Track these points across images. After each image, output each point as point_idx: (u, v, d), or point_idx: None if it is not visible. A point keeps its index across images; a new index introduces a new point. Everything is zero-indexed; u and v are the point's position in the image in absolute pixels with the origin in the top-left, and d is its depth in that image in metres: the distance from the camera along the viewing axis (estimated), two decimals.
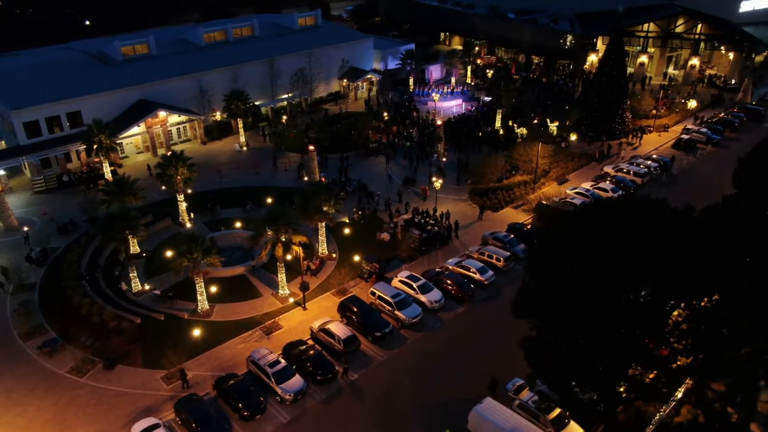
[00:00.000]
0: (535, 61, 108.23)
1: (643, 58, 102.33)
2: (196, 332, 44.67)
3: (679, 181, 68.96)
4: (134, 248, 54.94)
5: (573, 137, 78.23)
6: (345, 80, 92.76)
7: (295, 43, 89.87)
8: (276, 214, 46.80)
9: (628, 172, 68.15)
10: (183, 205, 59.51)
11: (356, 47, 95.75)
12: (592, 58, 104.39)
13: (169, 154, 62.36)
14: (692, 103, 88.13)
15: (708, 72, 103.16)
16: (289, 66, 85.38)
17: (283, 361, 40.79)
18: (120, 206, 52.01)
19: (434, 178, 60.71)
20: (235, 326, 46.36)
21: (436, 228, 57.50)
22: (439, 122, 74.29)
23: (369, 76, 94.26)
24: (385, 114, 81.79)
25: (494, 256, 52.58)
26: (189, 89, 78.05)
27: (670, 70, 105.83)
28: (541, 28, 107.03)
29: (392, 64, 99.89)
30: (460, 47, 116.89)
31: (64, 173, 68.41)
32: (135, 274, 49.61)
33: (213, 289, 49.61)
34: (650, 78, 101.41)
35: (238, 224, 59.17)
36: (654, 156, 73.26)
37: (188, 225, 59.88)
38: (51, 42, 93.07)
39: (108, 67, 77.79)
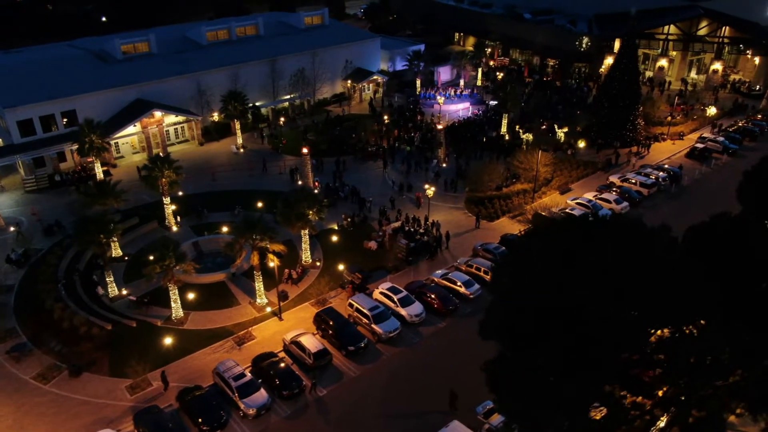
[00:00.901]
0: (551, 63, 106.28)
1: (663, 62, 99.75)
2: (168, 341, 44.37)
3: (689, 193, 66.81)
4: (116, 251, 55.13)
5: (581, 144, 76.40)
6: (349, 81, 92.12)
7: (299, 43, 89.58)
8: (252, 220, 46.30)
9: (634, 183, 66.21)
10: (169, 208, 59.37)
11: (363, 47, 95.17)
12: (609, 62, 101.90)
13: (161, 155, 62.34)
14: (712, 110, 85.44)
15: (732, 77, 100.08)
16: (291, 66, 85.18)
17: (248, 374, 40.20)
18: (101, 209, 52.03)
19: (427, 186, 59.63)
20: (209, 335, 45.96)
21: (425, 237, 56.44)
22: (439, 126, 73.08)
23: (375, 77, 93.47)
24: (386, 117, 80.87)
25: (482, 269, 51.34)
26: (187, 89, 78.25)
27: (693, 75, 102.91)
28: (556, 30, 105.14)
29: (400, 65, 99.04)
30: (472, 48, 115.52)
31: (57, 173, 68.94)
32: (111, 279, 49.56)
33: (190, 296, 49.27)
34: (669, 83, 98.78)
35: (224, 228, 58.88)
36: (666, 165, 71.11)
37: (174, 228, 59.79)
38: (67, 38, 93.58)
39: (107, 65, 78.31)
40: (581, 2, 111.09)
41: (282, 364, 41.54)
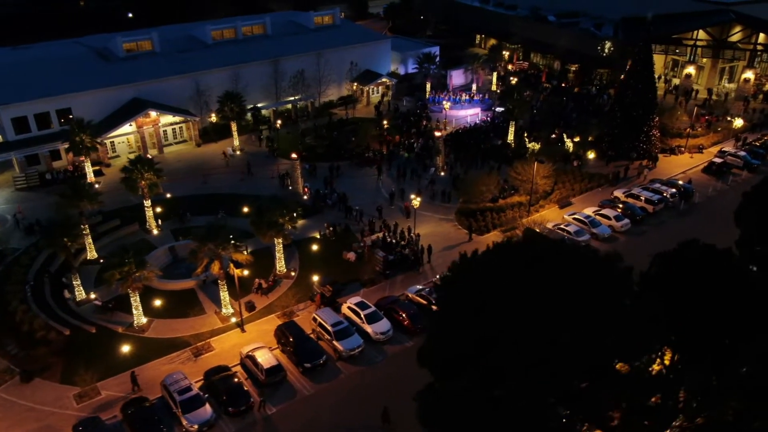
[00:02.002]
0: (572, 69, 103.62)
1: (690, 69, 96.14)
2: (125, 348, 44.39)
3: (699, 211, 63.93)
4: (91, 254, 55.56)
5: (591, 155, 74.09)
6: (356, 84, 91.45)
7: (306, 43, 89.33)
8: (215, 227, 45.97)
9: (639, 198, 63.70)
10: (150, 211, 59.60)
11: (372, 49, 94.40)
12: None
13: (146, 156, 62.73)
14: (738, 122, 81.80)
15: (767, 87, 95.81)
16: (296, 67, 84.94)
17: (195, 388, 39.78)
18: (75, 211, 52.49)
19: (413, 196, 58.45)
20: (168, 344, 45.81)
21: (405, 250, 55.27)
22: (437, 133, 71.72)
23: (383, 79, 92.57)
24: (385, 122, 79.89)
25: None
26: (186, 89, 78.69)
27: (724, 83, 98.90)
28: (578, 33, 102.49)
29: (412, 68, 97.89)
30: (486, 51, 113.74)
31: (48, 171, 70.07)
32: (79, 282, 49.86)
33: (157, 302, 49.41)
34: (697, 91, 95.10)
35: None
36: (680, 182, 68.19)
37: (155, 232, 60.00)
38: (93, 33, 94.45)
39: (108, 63, 79.36)
40: (608, 5, 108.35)
41: (235, 379, 41.01)
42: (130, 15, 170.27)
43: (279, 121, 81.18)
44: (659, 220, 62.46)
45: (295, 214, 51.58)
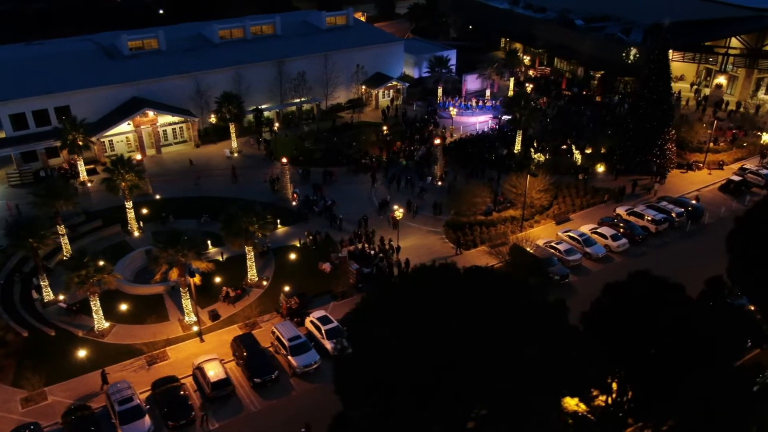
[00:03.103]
0: (597, 76, 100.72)
1: (721, 79, 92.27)
2: (81, 353, 44.73)
3: (706, 233, 60.95)
4: (68, 254, 56.28)
5: (600, 169, 71.72)
6: (364, 87, 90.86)
7: (315, 44, 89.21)
8: (176, 233, 45.94)
9: (641, 216, 61.22)
10: (131, 213, 60.15)
11: (384, 51, 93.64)
12: None
13: (128, 158, 63.44)
14: (766, 137, 77.97)
15: None
16: (302, 68, 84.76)
17: (137, 399, 39.72)
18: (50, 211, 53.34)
19: (396, 206, 57.45)
20: (125, 351, 46.00)
21: (383, 263, 54.33)
22: (437, 141, 70.47)
23: (393, 83, 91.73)
24: (385, 128, 78.99)
25: None
26: (188, 88, 79.37)
27: (760, 95, 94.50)
28: (603, 38, 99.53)
29: (425, 72, 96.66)
30: (503, 55, 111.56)
31: (43, 168, 71.58)
32: (47, 283, 50.57)
33: (124, 306, 49.71)
34: (727, 103, 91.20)
35: (185, 237, 58.94)
36: (692, 201, 65.23)
37: (136, 234, 60.54)
38: (122, 29, 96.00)
39: (112, 61, 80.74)
40: (640, 9, 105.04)
41: (181, 391, 40.83)
42: (161, 11, 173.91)
43: (277, 124, 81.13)
44: (661, 241, 59.89)
45: (266, 222, 51.04)
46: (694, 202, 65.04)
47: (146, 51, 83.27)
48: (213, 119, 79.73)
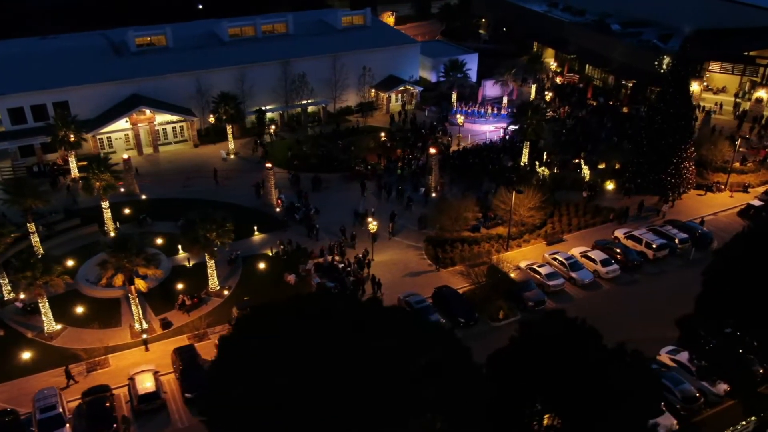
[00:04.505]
0: (629, 85, 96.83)
1: (761, 93, 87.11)
2: (25, 355, 45.44)
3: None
4: (40, 252, 57.39)
5: (610, 186, 68.71)
6: (373, 90, 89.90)
7: (326, 45, 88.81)
8: (123, 238, 46.09)
9: (639, 241, 58.10)
10: (108, 213, 60.93)
11: (399, 53, 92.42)
12: (694, 88, 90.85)
13: (109, 158, 64.36)
14: None
15: None
16: (310, 69, 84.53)
17: (61, 407, 39.92)
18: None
19: (369, 219, 56.28)
20: (70, 355, 46.36)
21: (350, 278, 53.26)
22: (433, 150, 68.84)
23: (406, 86, 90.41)
24: (383, 134, 77.77)
25: None
26: (189, 87, 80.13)
27: None
28: (636, 45, 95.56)
29: (441, 76, 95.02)
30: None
31: (37, 164, 73.49)
32: (7, 281, 51.58)
33: (80, 309, 50.28)
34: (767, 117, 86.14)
35: (158, 240, 59.49)
36: (704, 228, 61.60)
37: (112, 234, 61.23)
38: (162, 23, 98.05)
39: (117, 57, 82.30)
40: (683, 15, 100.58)
41: (107, 403, 40.83)
42: (200, 6, 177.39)
43: (273, 127, 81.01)
44: (659, 269, 56.66)
45: (225, 230, 50.70)
46: (703, 227, 61.38)
47: (153, 48, 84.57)
48: (212, 119, 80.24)
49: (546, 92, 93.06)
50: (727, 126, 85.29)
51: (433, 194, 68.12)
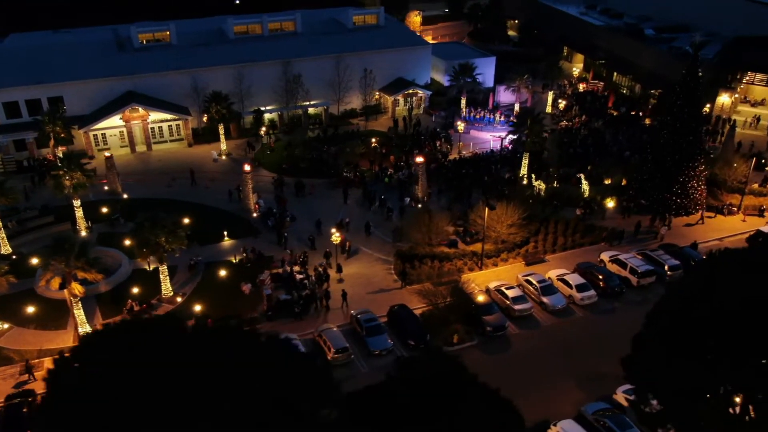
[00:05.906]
0: (657, 94, 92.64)
1: None
2: None
3: None
4: (5, 248, 58.67)
5: (610, 204, 65.63)
6: (377, 93, 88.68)
7: (333, 45, 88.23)
8: (62, 240, 46.34)
9: (624, 266, 55.08)
10: (79, 212, 61.70)
11: (409, 55, 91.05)
12: (724, 99, 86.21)
13: (105, 156, 65.19)
14: None
15: None
16: (313, 70, 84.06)
17: None
18: None
19: (333, 230, 55.18)
20: (7, 357, 46.89)
21: (305, 291, 52.29)
22: (419, 159, 67.16)
23: (414, 89, 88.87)
24: (373, 140, 76.42)
25: (328, 343, 46.16)
26: (186, 85, 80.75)
27: None
28: (665, 52, 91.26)
29: (449, 80, 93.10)
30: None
31: (28, 158, 75.31)
32: None
33: (31, 309, 50.89)
34: None
35: (126, 242, 59.84)
36: (701, 254, 57.96)
37: (83, 233, 62.01)
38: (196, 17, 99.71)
39: (119, 53, 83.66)
40: (724, 20, 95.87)
41: (25, 409, 41.02)
42: (237, 2, 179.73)
43: (263, 129, 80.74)
44: (643, 296, 53.31)
45: (176, 236, 50.46)
46: (701, 255, 57.70)
47: (155, 44, 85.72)
48: (206, 119, 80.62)
49: (560, 100, 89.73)
50: (759, 141, 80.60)
51: (419, 205, 66.48)
